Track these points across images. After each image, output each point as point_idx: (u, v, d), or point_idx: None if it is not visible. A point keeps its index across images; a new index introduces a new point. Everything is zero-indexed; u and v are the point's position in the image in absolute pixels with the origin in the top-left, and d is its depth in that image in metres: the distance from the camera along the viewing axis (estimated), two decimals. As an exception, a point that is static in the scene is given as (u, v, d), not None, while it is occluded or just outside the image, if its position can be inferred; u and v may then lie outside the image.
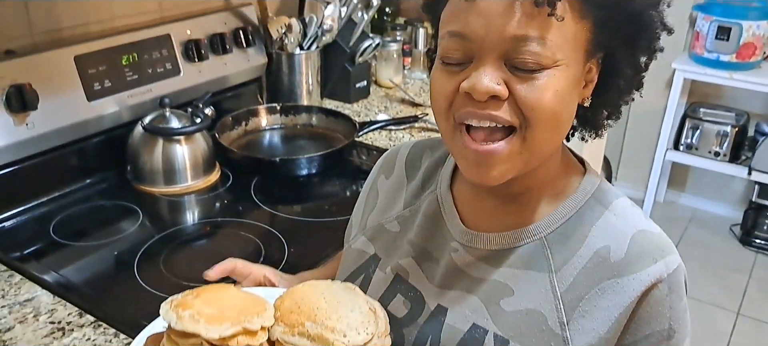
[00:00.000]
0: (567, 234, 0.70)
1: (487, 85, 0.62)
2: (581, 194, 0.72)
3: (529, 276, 0.70)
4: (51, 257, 1.18)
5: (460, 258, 0.74)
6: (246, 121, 1.64)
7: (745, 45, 2.86)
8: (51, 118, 1.28)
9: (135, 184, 1.40)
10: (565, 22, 0.62)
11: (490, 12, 0.61)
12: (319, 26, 1.76)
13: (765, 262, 3.06)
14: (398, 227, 0.82)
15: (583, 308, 0.67)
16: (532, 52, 0.61)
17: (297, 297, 0.70)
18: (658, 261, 0.66)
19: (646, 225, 0.70)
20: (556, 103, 0.63)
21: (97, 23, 1.43)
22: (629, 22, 0.66)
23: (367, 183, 0.93)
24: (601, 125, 0.75)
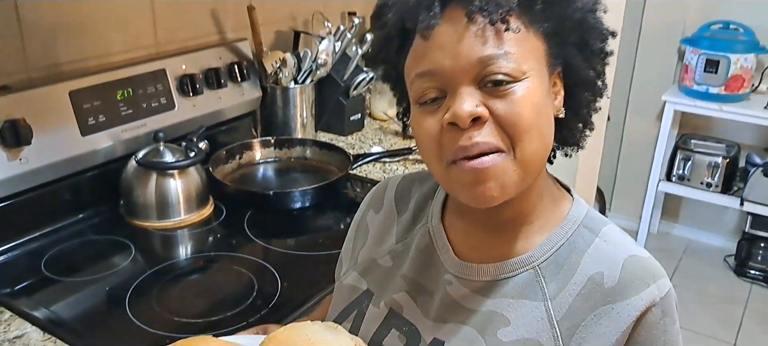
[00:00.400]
0: (559, 262, 0.71)
1: (467, 110, 0.64)
2: (571, 222, 0.73)
3: (525, 305, 0.70)
4: (42, 293, 1.17)
5: (455, 291, 0.74)
6: (240, 154, 1.64)
7: (734, 77, 2.90)
8: (45, 153, 1.28)
9: (128, 218, 1.39)
10: (522, 35, 0.65)
11: (450, 43, 0.64)
12: (313, 60, 1.78)
13: (760, 293, 3.06)
14: (391, 261, 0.82)
15: (580, 335, 0.67)
16: (499, 66, 0.64)
17: (281, 339, 0.70)
18: (650, 285, 0.67)
19: (636, 251, 0.71)
20: (535, 113, 0.65)
21: (92, 59, 1.44)
22: (575, 30, 0.69)
23: (355, 218, 0.92)
24: (579, 138, 0.77)
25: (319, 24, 1.89)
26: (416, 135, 0.70)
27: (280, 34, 1.88)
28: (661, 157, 3.20)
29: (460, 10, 0.64)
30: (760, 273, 3.09)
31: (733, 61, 2.88)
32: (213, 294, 1.20)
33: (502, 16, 0.63)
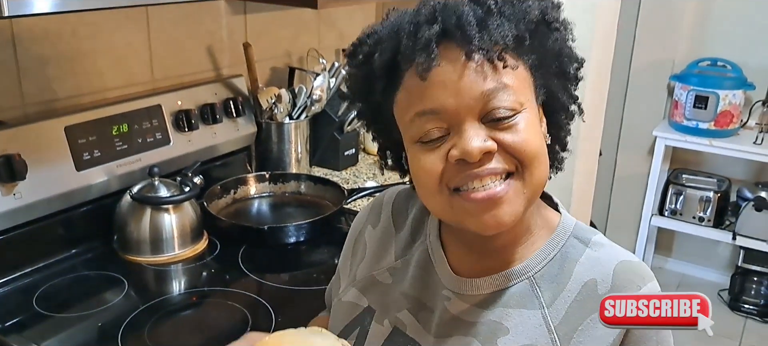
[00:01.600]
0: (553, 271, 0.74)
1: (479, 146, 0.65)
2: (562, 233, 0.76)
3: (523, 314, 0.72)
4: (33, 329, 1.16)
5: (454, 306, 0.76)
6: (235, 189, 1.64)
7: (722, 113, 2.94)
8: (39, 188, 1.28)
9: (121, 253, 1.39)
10: (517, 69, 0.68)
11: (451, 81, 0.66)
12: (308, 96, 1.80)
13: (754, 327, 3.05)
14: (390, 278, 0.83)
15: (578, 339, 0.69)
16: (502, 100, 0.66)
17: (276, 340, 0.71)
18: (641, 288, 0.70)
19: (626, 256, 0.74)
20: (537, 139, 0.69)
21: (88, 95, 1.45)
22: (555, 59, 0.73)
23: (352, 233, 0.94)
24: (560, 160, 0.80)
25: (313, 60, 1.91)
26: (416, 171, 0.71)
27: (276, 70, 1.90)
28: (653, 192, 3.23)
29: (457, 49, 0.66)
30: (754, 308, 3.09)
31: (721, 97, 2.92)
32: (206, 330, 1.20)
33: (498, 52, 0.66)
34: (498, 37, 0.66)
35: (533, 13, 0.69)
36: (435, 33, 0.66)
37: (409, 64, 0.68)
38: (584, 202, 2.32)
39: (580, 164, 2.12)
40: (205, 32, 1.68)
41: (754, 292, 3.10)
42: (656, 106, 3.31)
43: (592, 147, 2.27)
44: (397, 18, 0.72)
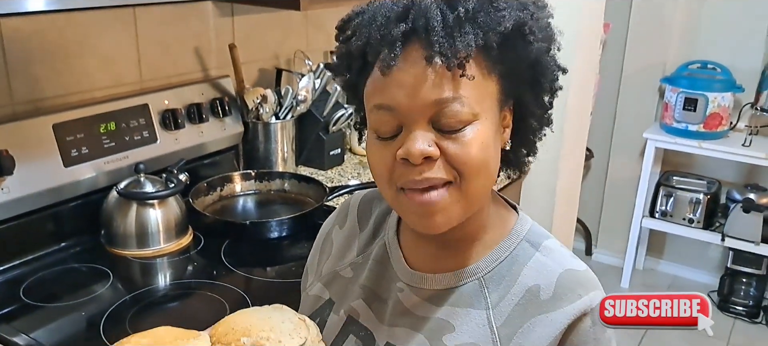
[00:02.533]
0: (502, 273, 0.76)
1: (420, 149, 0.68)
2: (514, 237, 0.79)
3: (469, 313, 0.75)
4: (21, 320, 1.20)
5: (406, 298, 0.80)
6: (221, 187, 1.69)
7: (712, 115, 2.97)
8: (27, 183, 1.32)
9: (108, 247, 1.43)
10: (477, 80, 0.69)
11: (409, 82, 0.68)
12: (294, 97, 1.84)
13: (743, 327, 3.08)
14: (351, 273, 0.87)
15: (517, 341, 0.72)
16: (453, 112, 0.68)
17: (230, 321, 0.75)
18: (582, 296, 0.72)
19: (573, 264, 0.76)
20: (483, 153, 0.70)
21: (77, 94, 1.49)
22: (529, 70, 0.74)
23: (321, 233, 0.98)
24: (523, 163, 0.83)
25: (300, 62, 1.96)
26: (370, 161, 0.75)
27: (263, 71, 1.94)
28: (644, 194, 3.25)
29: (420, 51, 0.67)
30: (743, 308, 3.11)
31: (710, 99, 2.95)
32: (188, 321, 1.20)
33: (459, 62, 0.66)
34: (461, 46, 0.66)
35: (506, 24, 0.68)
36: (401, 32, 0.68)
37: (375, 56, 0.70)
38: (570, 203, 2.35)
39: (566, 166, 2.15)
40: (192, 34, 1.72)
41: (743, 293, 3.12)
42: (647, 109, 3.34)
43: (577, 149, 2.30)
44: (379, 5, 0.72)
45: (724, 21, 3.08)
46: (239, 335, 0.71)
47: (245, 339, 0.70)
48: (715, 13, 3.10)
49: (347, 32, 0.75)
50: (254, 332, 0.71)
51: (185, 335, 0.74)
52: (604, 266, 3.55)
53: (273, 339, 0.70)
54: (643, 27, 3.24)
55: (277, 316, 0.75)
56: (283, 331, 0.72)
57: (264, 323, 0.73)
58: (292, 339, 0.71)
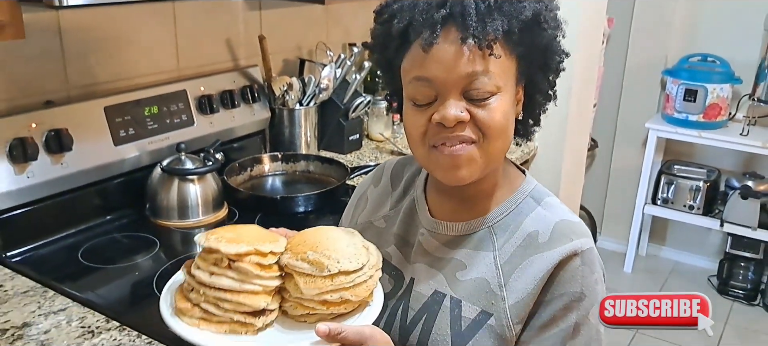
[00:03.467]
0: (508, 222, 0.91)
1: (454, 114, 0.83)
2: (520, 193, 0.94)
3: (479, 255, 0.90)
4: (80, 278, 1.35)
5: (426, 242, 0.95)
6: (251, 167, 1.83)
7: (711, 106, 3.10)
8: (83, 160, 1.47)
9: (152, 219, 1.58)
10: (501, 59, 0.83)
11: (446, 58, 0.82)
12: (316, 85, 1.98)
13: (740, 309, 3.20)
14: (384, 223, 1.03)
15: (517, 275, 0.87)
16: (482, 84, 0.83)
17: (305, 235, 0.88)
18: (573, 240, 0.86)
19: (568, 216, 0.91)
20: (504, 119, 0.85)
21: (124, 80, 1.64)
22: (541, 53, 0.88)
23: (358, 190, 1.14)
24: (530, 133, 0.98)
25: (322, 53, 2.10)
26: (406, 124, 0.89)
27: (287, 61, 2.09)
28: (647, 182, 3.38)
29: (456, 32, 0.82)
30: (741, 291, 3.24)
31: (709, 90, 3.08)
32: None
33: (488, 42, 0.81)
34: (491, 30, 0.80)
35: (526, 14, 0.82)
36: (441, 16, 0.81)
37: (417, 35, 0.84)
38: (574, 189, 2.48)
39: (569, 153, 2.29)
40: (224, 26, 1.87)
41: (741, 277, 3.25)
42: (650, 100, 3.47)
43: (581, 136, 2.44)
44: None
45: (723, 16, 3.20)
46: (307, 249, 0.84)
47: (311, 253, 0.83)
48: (714, 8, 3.22)
49: (385, 15, 0.89)
50: (320, 249, 0.83)
51: (266, 236, 0.86)
52: (608, 253, 3.68)
53: (333, 258, 0.82)
54: (645, 22, 3.36)
55: (345, 239, 0.87)
56: (345, 254, 0.83)
57: (331, 242, 0.85)
58: (349, 263, 0.82)
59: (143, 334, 1.15)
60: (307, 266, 0.83)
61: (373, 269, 0.86)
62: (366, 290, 0.85)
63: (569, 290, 0.85)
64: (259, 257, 0.83)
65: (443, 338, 0.88)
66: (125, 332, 1.16)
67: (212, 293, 0.84)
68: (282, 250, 0.86)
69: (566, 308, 0.85)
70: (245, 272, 0.83)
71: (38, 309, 1.22)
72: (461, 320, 0.87)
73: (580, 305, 0.85)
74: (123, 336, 1.15)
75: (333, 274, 0.82)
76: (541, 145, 2.21)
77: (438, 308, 0.90)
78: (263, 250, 0.83)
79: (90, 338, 1.14)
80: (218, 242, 0.83)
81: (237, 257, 0.83)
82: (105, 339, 1.14)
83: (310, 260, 0.83)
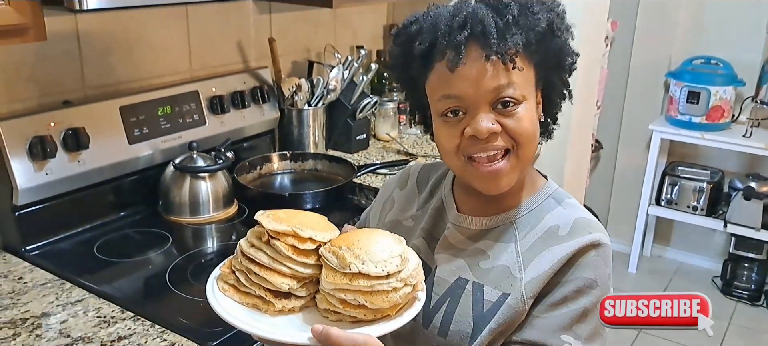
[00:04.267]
0: (530, 219, 0.97)
1: (486, 126, 0.88)
2: (543, 194, 0.99)
3: (501, 246, 0.96)
4: (96, 271, 1.40)
5: (452, 235, 1.01)
6: (260, 165, 1.88)
7: (714, 108, 3.13)
8: (98, 157, 1.53)
9: (165, 215, 1.63)
10: (524, 68, 0.89)
11: (473, 76, 0.88)
12: (324, 86, 2.03)
13: (744, 309, 3.23)
14: (412, 223, 1.09)
15: (536, 261, 0.92)
16: (508, 95, 0.88)
17: (355, 233, 0.87)
18: (591, 233, 0.91)
19: (587, 215, 0.96)
20: (532, 126, 0.91)
21: (138, 81, 1.70)
22: (556, 57, 0.94)
23: (383, 192, 1.19)
24: (550, 131, 1.03)
25: (330, 55, 2.15)
26: (439, 138, 0.94)
27: (297, 63, 2.14)
28: (651, 183, 3.41)
29: (480, 50, 0.86)
30: (745, 292, 3.27)
31: (712, 92, 3.11)
32: None
33: (510, 56, 0.86)
34: (511, 45, 0.86)
35: (542, 25, 0.88)
36: (464, 37, 0.86)
37: (442, 56, 0.89)
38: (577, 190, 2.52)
39: (573, 153, 2.33)
40: (235, 29, 1.93)
41: (745, 277, 3.27)
42: (654, 102, 3.50)
43: (583, 138, 2.48)
44: (437, 15, 0.91)
45: (725, 18, 3.24)
46: (343, 244, 0.83)
47: (345, 248, 0.82)
48: (717, 11, 3.25)
49: (403, 37, 0.94)
50: (355, 246, 0.82)
51: (320, 225, 0.86)
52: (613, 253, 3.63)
53: (360, 258, 0.81)
54: (649, 25, 3.40)
55: (384, 244, 0.84)
56: (373, 258, 0.81)
57: (369, 244, 0.82)
58: (375, 267, 0.80)
59: (157, 324, 1.20)
60: (333, 260, 0.82)
61: (400, 283, 0.83)
62: (386, 302, 0.82)
63: (584, 275, 0.89)
64: (296, 240, 0.84)
65: (466, 319, 0.92)
66: (139, 322, 1.21)
67: (246, 264, 0.86)
68: (324, 240, 0.85)
69: (578, 291, 0.89)
70: (278, 250, 0.84)
71: (56, 300, 1.27)
72: (483, 302, 0.92)
73: (592, 292, 0.89)
74: (137, 325, 1.20)
75: (353, 273, 0.81)
76: (544, 146, 2.24)
77: (461, 292, 0.94)
78: (302, 235, 0.84)
79: (106, 327, 1.20)
80: (265, 217, 0.85)
81: (275, 235, 0.84)
82: (120, 328, 1.19)
83: (339, 254, 0.82)
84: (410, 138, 2.31)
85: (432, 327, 0.95)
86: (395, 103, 2.29)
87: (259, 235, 0.87)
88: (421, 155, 2.13)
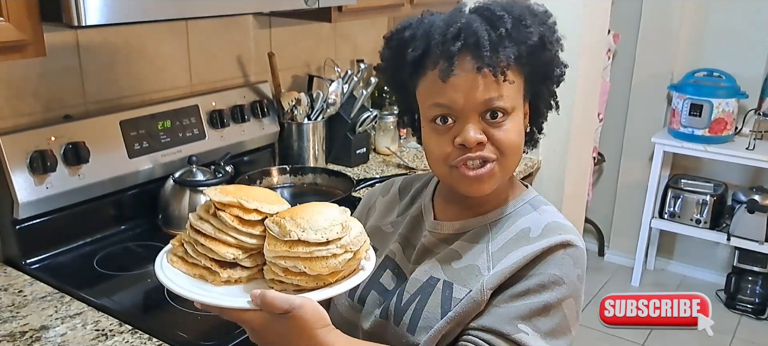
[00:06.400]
0: (504, 222, 0.98)
1: (474, 137, 0.90)
2: (520, 200, 1.01)
3: (474, 247, 0.97)
4: (95, 284, 1.41)
5: (428, 241, 1.02)
6: (260, 179, 1.89)
7: (716, 120, 3.12)
8: (99, 171, 1.54)
9: (165, 229, 1.64)
10: (514, 80, 0.91)
11: (463, 86, 0.89)
12: (324, 100, 2.04)
13: (748, 323, 3.20)
14: (391, 228, 1.10)
15: (505, 260, 0.92)
16: (498, 107, 0.90)
17: (302, 206, 0.87)
18: (562, 235, 0.92)
19: (561, 219, 0.97)
20: (518, 137, 0.93)
21: (139, 95, 1.71)
22: (544, 69, 0.96)
23: (365, 201, 1.20)
24: (535, 140, 1.05)
25: (330, 69, 2.17)
26: (428, 144, 0.95)
27: (296, 77, 2.16)
28: (653, 196, 3.41)
29: (472, 62, 0.88)
30: (749, 305, 3.24)
31: (715, 105, 3.11)
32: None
33: (502, 70, 0.88)
34: (503, 58, 0.87)
35: (533, 39, 0.89)
36: (457, 48, 0.88)
37: (434, 65, 0.90)
38: (578, 201, 2.52)
39: (572, 165, 2.33)
40: (235, 43, 1.94)
41: (749, 291, 3.25)
42: (656, 115, 3.50)
43: (584, 150, 2.48)
44: (430, 23, 0.92)
45: (728, 31, 3.24)
46: (287, 215, 0.84)
47: (288, 219, 0.83)
48: (719, 24, 3.26)
49: (395, 42, 0.95)
50: (298, 216, 0.84)
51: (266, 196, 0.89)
52: (616, 266, 3.69)
53: (300, 227, 0.82)
54: (651, 37, 3.40)
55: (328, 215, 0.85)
56: (314, 226, 0.82)
57: (312, 214, 0.84)
58: (314, 234, 0.82)
59: (154, 337, 1.20)
60: (275, 229, 0.84)
61: (340, 249, 0.84)
62: (324, 267, 0.83)
63: (549, 271, 0.90)
64: (242, 211, 0.85)
65: (434, 316, 0.93)
66: (137, 335, 1.21)
67: (193, 236, 0.88)
68: (271, 212, 0.87)
69: (542, 285, 0.89)
70: (223, 221, 0.85)
71: (55, 313, 1.28)
72: (452, 300, 0.93)
73: (557, 288, 0.89)
74: (135, 339, 1.20)
75: (292, 241, 0.82)
76: (545, 158, 2.25)
77: (431, 290, 0.95)
78: (248, 206, 0.85)
79: (104, 340, 1.20)
80: (213, 190, 0.87)
81: (221, 206, 0.86)
82: (118, 342, 1.20)
83: (281, 224, 0.84)
84: (410, 152, 2.32)
85: (402, 324, 0.96)
86: (395, 117, 2.30)
87: (207, 208, 0.89)
88: (422, 169, 2.13)
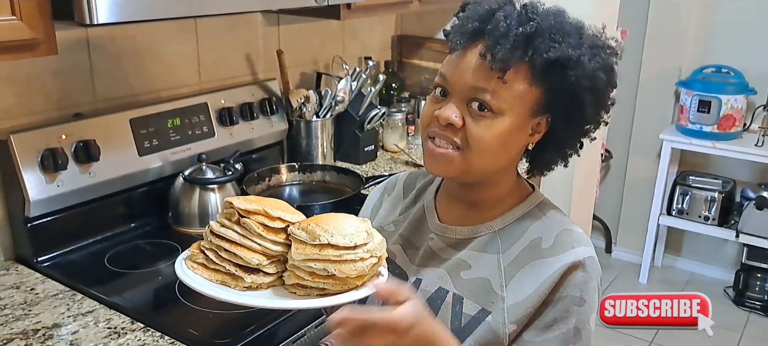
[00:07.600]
0: (513, 229, 0.96)
1: (447, 115, 0.89)
2: (527, 205, 0.99)
3: (484, 256, 0.95)
4: (107, 282, 1.41)
5: (435, 245, 1.00)
6: (269, 177, 1.89)
7: (725, 117, 3.11)
8: (109, 169, 1.54)
9: (174, 226, 1.65)
10: (515, 84, 0.87)
11: (462, 65, 0.89)
12: (332, 98, 2.04)
13: (757, 321, 3.19)
14: (393, 228, 1.09)
15: (519, 277, 0.91)
16: (484, 100, 0.88)
17: (322, 215, 0.91)
18: (575, 248, 0.91)
19: (571, 226, 0.95)
20: (495, 140, 0.89)
21: (148, 93, 1.72)
22: (565, 97, 0.89)
23: (371, 198, 1.19)
24: (547, 167, 1.00)
25: (338, 66, 2.17)
26: (423, 109, 0.96)
27: (305, 75, 2.16)
28: (662, 193, 3.39)
29: (480, 46, 0.88)
30: (758, 302, 3.23)
31: (723, 101, 3.09)
32: None
33: (501, 66, 0.85)
34: (507, 55, 0.84)
35: (552, 55, 0.84)
36: (472, 29, 0.88)
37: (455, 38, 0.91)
38: (586, 199, 2.51)
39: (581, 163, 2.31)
40: (243, 41, 1.94)
41: (758, 288, 3.24)
42: (664, 112, 3.48)
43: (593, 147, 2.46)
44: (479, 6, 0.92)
45: (736, 27, 3.22)
46: (312, 222, 0.88)
47: (313, 225, 0.87)
48: (728, 20, 3.24)
49: (460, 13, 0.95)
50: (323, 223, 0.87)
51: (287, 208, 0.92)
52: (624, 263, 3.68)
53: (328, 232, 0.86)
54: (659, 34, 3.39)
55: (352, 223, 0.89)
56: (341, 231, 0.86)
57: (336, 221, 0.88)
58: (343, 238, 0.85)
59: (166, 335, 1.21)
60: (303, 234, 0.87)
61: (367, 254, 0.87)
62: (353, 270, 0.85)
63: (571, 294, 0.89)
64: (267, 219, 0.88)
65: None
66: (149, 333, 1.22)
67: (216, 242, 0.90)
68: (293, 221, 0.90)
69: (567, 311, 0.89)
70: (249, 228, 0.88)
71: (67, 311, 1.28)
72: (462, 316, 0.92)
73: (581, 309, 0.89)
74: (147, 337, 1.21)
75: (322, 244, 0.85)
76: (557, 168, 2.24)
77: (440, 303, 0.94)
78: (272, 214, 0.88)
79: (116, 338, 1.21)
80: (237, 199, 0.90)
81: (246, 213, 0.88)
82: (130, 339, 1.20)
83: (308, 229, 0.87)
84: (418, 149, 2.31)
85: None
86: (403, 114, 2.29)
87: (229, 216, 0.91)
88: (430, 166, 2.13)
